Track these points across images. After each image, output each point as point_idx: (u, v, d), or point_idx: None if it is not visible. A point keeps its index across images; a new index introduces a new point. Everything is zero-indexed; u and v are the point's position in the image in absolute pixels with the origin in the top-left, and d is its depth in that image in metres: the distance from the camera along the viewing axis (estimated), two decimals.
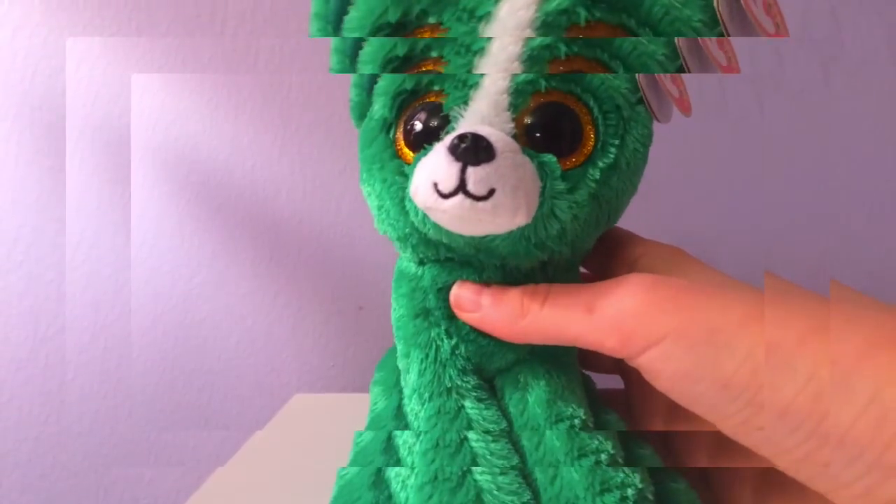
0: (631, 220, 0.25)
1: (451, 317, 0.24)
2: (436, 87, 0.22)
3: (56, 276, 0.46)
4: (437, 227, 0.21)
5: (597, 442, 0.22)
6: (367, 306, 0.47)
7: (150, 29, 0.45)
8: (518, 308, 0.22)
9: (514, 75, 0.21)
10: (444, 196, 0.20)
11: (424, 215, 0.21)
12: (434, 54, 0.22)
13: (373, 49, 0.23)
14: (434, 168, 0.20)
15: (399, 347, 0.26)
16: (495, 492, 0.21)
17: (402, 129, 0.23)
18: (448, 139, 0.20)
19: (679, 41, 0.21)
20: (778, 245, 0.45)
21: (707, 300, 0.18)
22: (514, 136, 0.21)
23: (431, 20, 0.22)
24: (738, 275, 0.21)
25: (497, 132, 0.20)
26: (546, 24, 0.21)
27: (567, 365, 0.25)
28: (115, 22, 0.45)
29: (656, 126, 0.23)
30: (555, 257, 0.23)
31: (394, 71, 0.23)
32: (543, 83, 0.21)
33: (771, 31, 0.20)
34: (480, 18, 0.21)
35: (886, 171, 0.45)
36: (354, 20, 0.23)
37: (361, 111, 0.26)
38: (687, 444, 0.25)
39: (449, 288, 0.24)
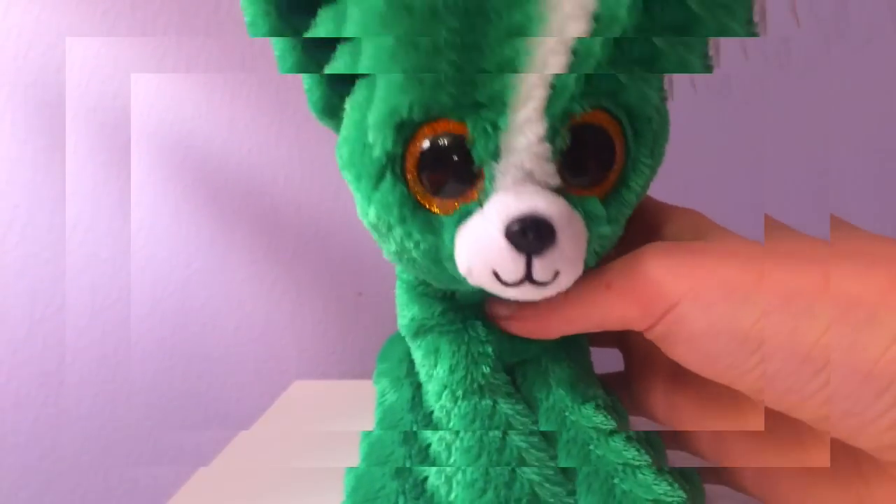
0: None
1: (477, 316, 0.24)
2: (451, 117, 0.19)
3: (53, 256, 0.46)
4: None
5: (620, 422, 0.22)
6: (366, 292, 0.47)
7: (146, 13, 0.44)
8: (545, 305, 0.21)
9: (547, 108, 0.18)
10: (507, 284, 0.19)
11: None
12: (453, 117, 0.19)
13: (380, 115, 0.19)
14: (493, 258, 0.19)
15: (416, 351, 0.25)
16: (546, 484, 0.21)
17: (414, 169, 0.20)
18: (500, 220, 0.18)
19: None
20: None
21: (721, 259, 0.18)
22: (560, 182, 0.19)
23: (453, 117, 0.19)
24: None
25: (549, 198, 0.19)
26: (555, 128, 0.19)
27: (582, 349, 0.26)
28: (112, 6, 0.44)
29: None
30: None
31: (406, 130, 0.19)
32: (578, 107, 0.19)
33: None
34: (500, 128, 0.18)
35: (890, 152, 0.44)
36: (373, 114, 0.19)
37: (326, 106, 0.22)
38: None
39: (478, 296, 0.24)
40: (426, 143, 0.19)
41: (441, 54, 0.18)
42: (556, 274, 0.19)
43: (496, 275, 0.19)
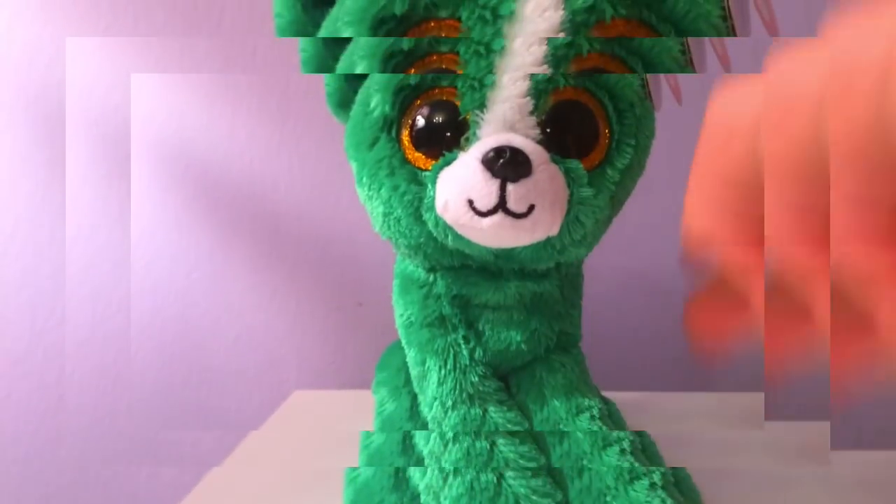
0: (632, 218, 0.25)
1: (469, 323, 0.24)
2: (444, 83, 0.21)
3: (54, 269, 0.46)
4: (458, 237, 0.21)
5: (616, 433, 0.23)
6: (366, 302, 0.47)
7: (149, 24, 0.45)
8: None
9: (533, 75, 0.20)
10: (482, 214, 0.20)
11: (447, 227, 0.21)
12: (444, 49, 0.21)
13: (370, 43, 0.21)
14: (468, 184, 0.19)
15: (411, 354, 0.25)
16: (532, 496, 0.21)
17: (408, 129, 0.22)
18: (479, 151, 0.19)
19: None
20: None
21: None
22: (542, 140, 0.20)
23: (442, 14, 0.21)
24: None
25: (527, 141, 0.20)
26: (573, 23, 0.20)
27: (577, 358, 0.26)
28: (111, 12, 0.45)
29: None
30: (572, 259, 0.24)
31: (396, 65, 0.21)
32: (562, 81, 0.20)
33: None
34: (504, 18, 0.20)
35: None
36: (350, 12, 0.21)
37: (341, 99, 0.24)
38: None
39: (466, 293, 0.24)
40: (421, 108, 0.21)
41: None
42: (531, 207, 0.19)
43: (471, 203, 0.20)
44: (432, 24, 0.21)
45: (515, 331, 0.24)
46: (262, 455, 0.31)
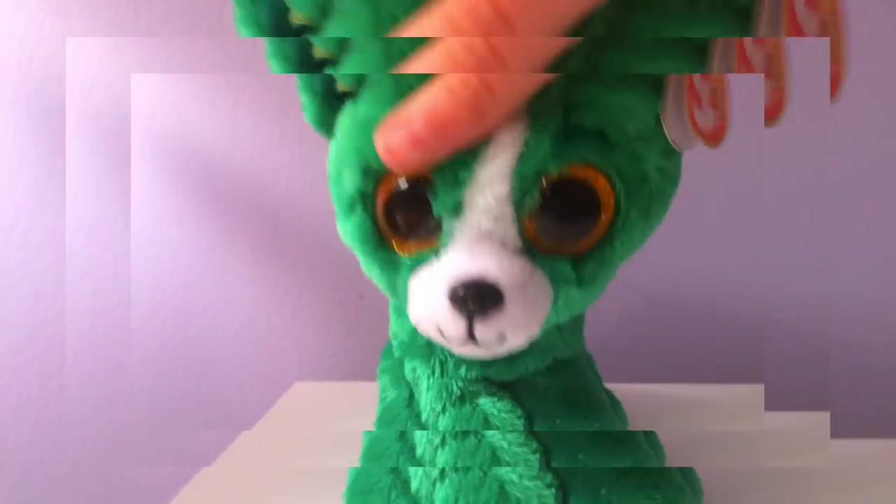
0: None
1: (455, 354, 0.24)
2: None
3: (55, 260, 0.46)
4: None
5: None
6: (367, 295, 0.47)
7: (150, 18, 0.45)
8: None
9: (517, 163, 0.17)
10: (451, 341, 0.19)
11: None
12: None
13: (349, 156, 0.19)
14: (437, 316, 0.19)
15: (405, 362, 0.26)
16: (523, 480, 0.21)
17: (382, 208, 0.20)
18: (446, 284, 0.18)
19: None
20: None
21: None
22: (523, 246, 0.18)
23: None
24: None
25: (503, 260, 0.18)
26: (523, 190, 0.18)
27: (577, 368, 0.26)
28: (112, 5, 0.45)
29: None
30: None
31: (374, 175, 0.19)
32: (552, 165, 0.18)
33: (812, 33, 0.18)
34: (463, 183, 0.18)
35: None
36: (343, 152, 0.20)
37: (323, 120, 0.23)
38: None
39: None
40: (396, 188, 0.19)
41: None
42: (503, 335, 0.19)
43: (440, 331, 0.19)
44: None
45: (504, 366, 0.24)
46: (262, 446, 0.32)
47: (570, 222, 0.19)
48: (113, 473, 0.48)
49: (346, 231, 0.21)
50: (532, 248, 0.19)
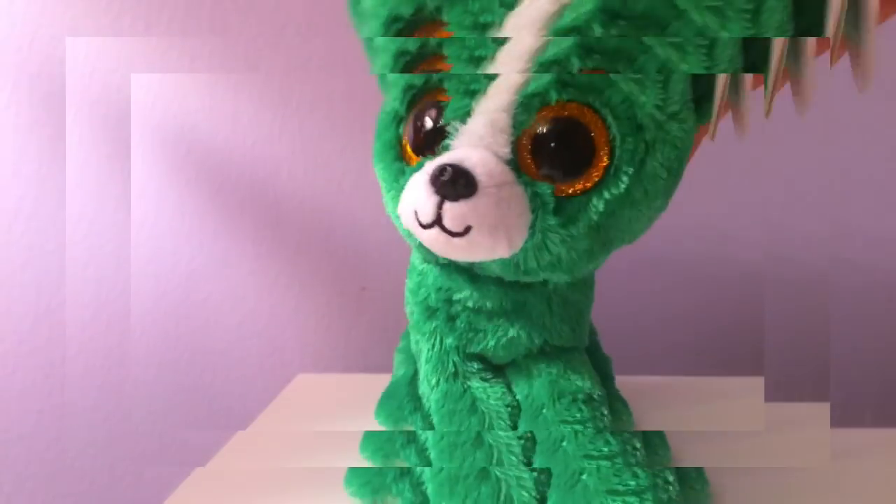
0: None
1: (450, 317, 0.25)
2: (445, 85, 0.21)
3: (57, 247, 0.46)
4: (416, 240, 0.22)
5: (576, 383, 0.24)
6: (369, 287, 0.47)
7: (150, 5, 0.44)
8: None
9: (521, 89, 0.19)
10: (423, 226, 0.20)
11: (409, 232, 0.22)
12: (444, 52, 0.21)
13: (384, 41, 0.23)
14: (415, 196, 0.20)
15: (411, 336, 0.27)
16: (489, 401, 0.24)
17: (409, 127, 0.23)
18: (431, 165, 0.20)
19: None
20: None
21: None
22: (513, 159, 0.20)
23: (444, 18, 0.21)
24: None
25: (488, 159, 0.19)
26: (524, 105, 0.20)
27: (575, 354, 0.26)
28: None
29: None
30: (553, 280, 0.24)
31: (406, 64, 0.22)
32: (554, 95, 0.19)
33: None
34: (485, 27, 0.20)
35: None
36: (368, 6, 0.23)
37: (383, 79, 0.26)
38: None
39: (448, 289, 0.25)
40: (418, 110, 0.22)
41: None
42: (468, 229, 0.19)
43: (416, 214, 0.20)
44: (437, 27, 0.22)
45: (491, 334, 0.25)
46: (265, 439, 0.32)
47: (563, 158, 0.20)
48: (117, 461, 0.48)
49: (377, 151, 0.24)
50: (521, 169, 0.20)
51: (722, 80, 0.20)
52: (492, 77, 0.20)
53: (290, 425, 0.33)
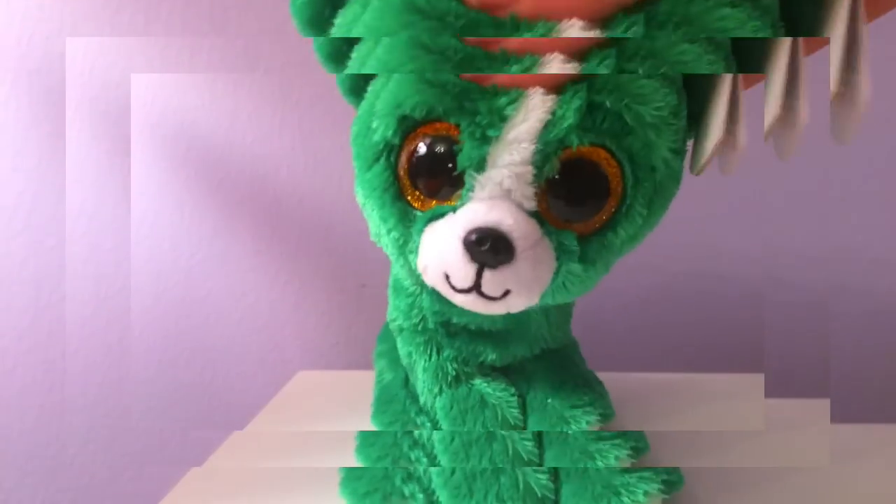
0: None
1: (450, 335, 0.25)
2: (452, 121, 0.19)
3: (58, 242, 0.46)
4: (434, 291, 0.21)
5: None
6: (369, 283, 0.47)
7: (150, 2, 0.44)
8: None
9: (541, 135, 0.18)
10: (457, 290, 0.20)
11: (424, 282, 0.21)
12: (452, 121, 0.20)
13: (386, 106, 0.20)
14: (447, 261, 0.19)
15: (400, 345, 0.27)
16: (495, 394, 0.24)
17: (406, 161, 0.20)
18: (463, 228, 0.19)
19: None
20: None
21: None
22: (536, 211, 0.19)
23: (452, 120, 0.20)
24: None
25: (520, 218, 0.19)
26: (543, 154, 0.19)
27: (565, 351, 0.27)
28: None
29: None
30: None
31: (407, 128, 0.20)
32: (574, 140, 0.19)
33: None
34: (490, 140, 0.19)
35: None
36: (380, 103, 0.20)
37: (352, 86, 0.23)
38: None
39: (445, 313, 0.25)
40: (422, 141, 0.20)
41: (448, 60, 0.19)
42: (507, 292, 0.19)
43: (447, 277, 0.19)
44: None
45: (492, 350, 0.25)
46: (265, 435, 0.32)
47: (580, 201, 0.20)
48: (117, 457, 0.48)
49: (366, 182, 0.21)
50: (543, 218, 0.20)
51: (715, 137, 0.20)
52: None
53: (290, 422, 0.33)
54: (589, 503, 0.21)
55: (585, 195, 0.20)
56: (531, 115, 0.18)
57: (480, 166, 0.19)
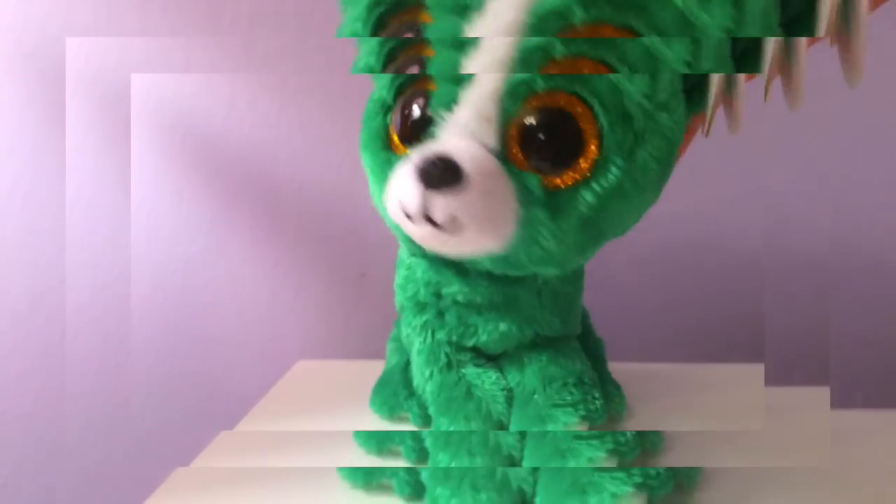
0: None
1: (440, 312, 0.26)
2: (431, 73, 0.21)
3: (55, 227, 0.46)
4: (404, 234, 0.22)
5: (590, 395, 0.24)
6: (369, 273, 0.47)
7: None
8: None
9: (507, 78, 0.19)
10: (410, 218, 0.20)
11: (397, 226, 0.22)
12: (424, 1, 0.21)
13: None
14: (400, 187, 0.20)
15: (402, 328, 0.28)
16: (485, 386, 0.25)
17: (396, 116, 0.22)
18: (418, 155, 0.19)
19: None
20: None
21: None
22: (500, 150, 0.19)
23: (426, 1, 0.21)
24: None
25: (474, 148, 0.19)
26: (536, 26, 0.19)
27: (566, 342, 0.27)
28: None
29: None
30: (542, 274, 0.24)
31: (380, 16, 0.22)
32: (541, 83, 0.19)
33: None
34: (465, 9, 0.19)
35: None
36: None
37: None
38: None
39: (437, 284, 0.25)
40: (404, 98, 0.22)
41: None
42: (455, 220, 0.19)
43: (403, 207, 0.20)
44: (417, 11, 0.22)
45: (482, 329, 0.25)
46: (265, 425, 0.32)
47: (552, 148, 0.20)
48: (116, 444, 0.48)
49: (366, 136, 0.23)
50: (508, 160, 0.20)
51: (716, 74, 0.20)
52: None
53: (289, 412, 0.33)
54: (557, 498, 0.21)
55: (557, 144, 0.20)
56: (497, 59, 0.19)
57: (450, 106, 0.20)
